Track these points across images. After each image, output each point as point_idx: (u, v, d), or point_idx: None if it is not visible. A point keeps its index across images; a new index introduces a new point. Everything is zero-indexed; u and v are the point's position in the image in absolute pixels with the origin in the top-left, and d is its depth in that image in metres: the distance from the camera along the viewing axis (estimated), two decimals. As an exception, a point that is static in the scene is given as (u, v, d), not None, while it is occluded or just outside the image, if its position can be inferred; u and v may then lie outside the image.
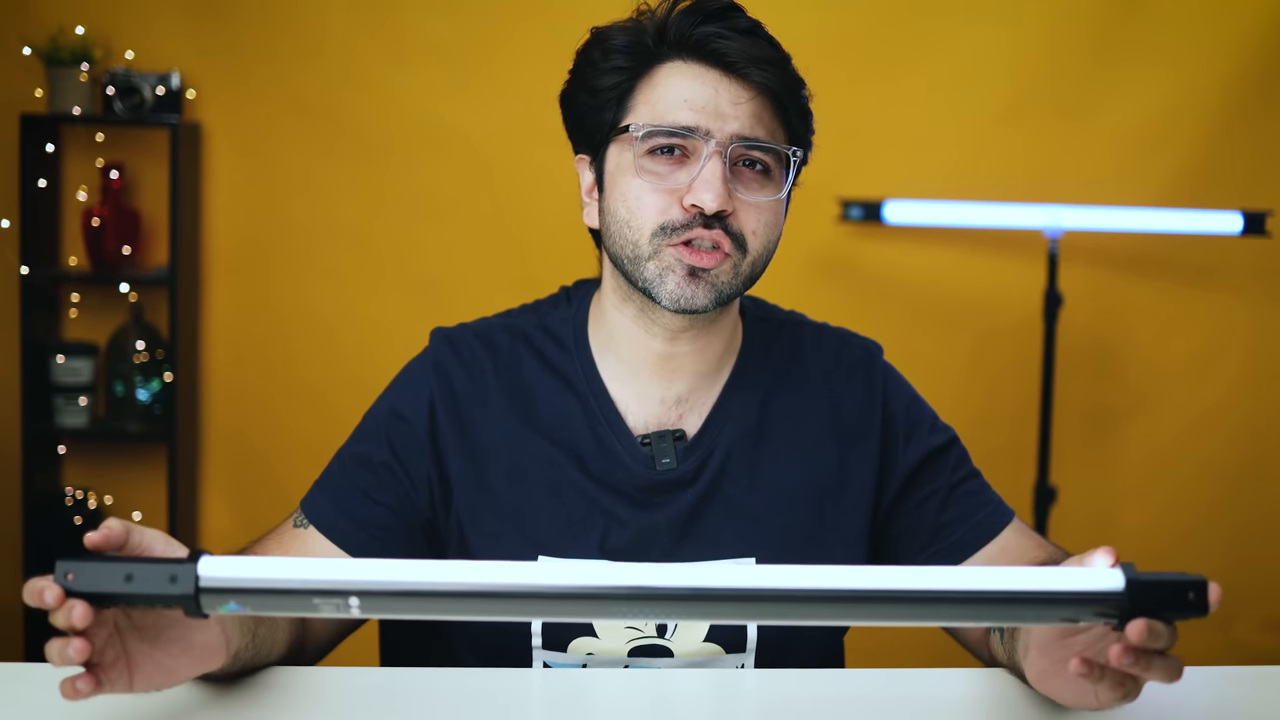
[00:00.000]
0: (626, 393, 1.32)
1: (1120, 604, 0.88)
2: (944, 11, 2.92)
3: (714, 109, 1.22)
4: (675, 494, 1.29)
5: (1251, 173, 2.93)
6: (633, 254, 1.24)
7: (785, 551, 1.29)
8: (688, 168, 1.22)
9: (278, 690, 1.12)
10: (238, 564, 0.89)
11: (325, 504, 1.30)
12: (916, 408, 1.37)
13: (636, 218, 1.23)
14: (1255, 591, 2.99)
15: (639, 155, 1.23)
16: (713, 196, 1.20)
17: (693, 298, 1.23)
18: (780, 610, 0.88)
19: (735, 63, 1.22)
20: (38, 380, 2.92)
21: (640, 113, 1.24)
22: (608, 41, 1.26)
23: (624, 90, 1.25)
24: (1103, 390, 3.03)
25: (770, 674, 1.21)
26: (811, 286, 2.94)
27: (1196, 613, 0.89)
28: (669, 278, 1.22)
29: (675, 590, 0.87)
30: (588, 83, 1.27)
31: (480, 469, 1.29)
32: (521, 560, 1.26)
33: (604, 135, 1.27)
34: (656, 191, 1.22)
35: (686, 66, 1.24)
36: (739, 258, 1.24)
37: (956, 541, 1.32)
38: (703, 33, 1.23)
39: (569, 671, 1.23)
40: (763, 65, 1.22)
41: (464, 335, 1.35)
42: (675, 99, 1.22)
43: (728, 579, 0.88)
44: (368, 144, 2.96)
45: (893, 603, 0.88)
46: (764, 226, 1.24)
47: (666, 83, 1.24)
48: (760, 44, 1.24)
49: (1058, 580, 0.88)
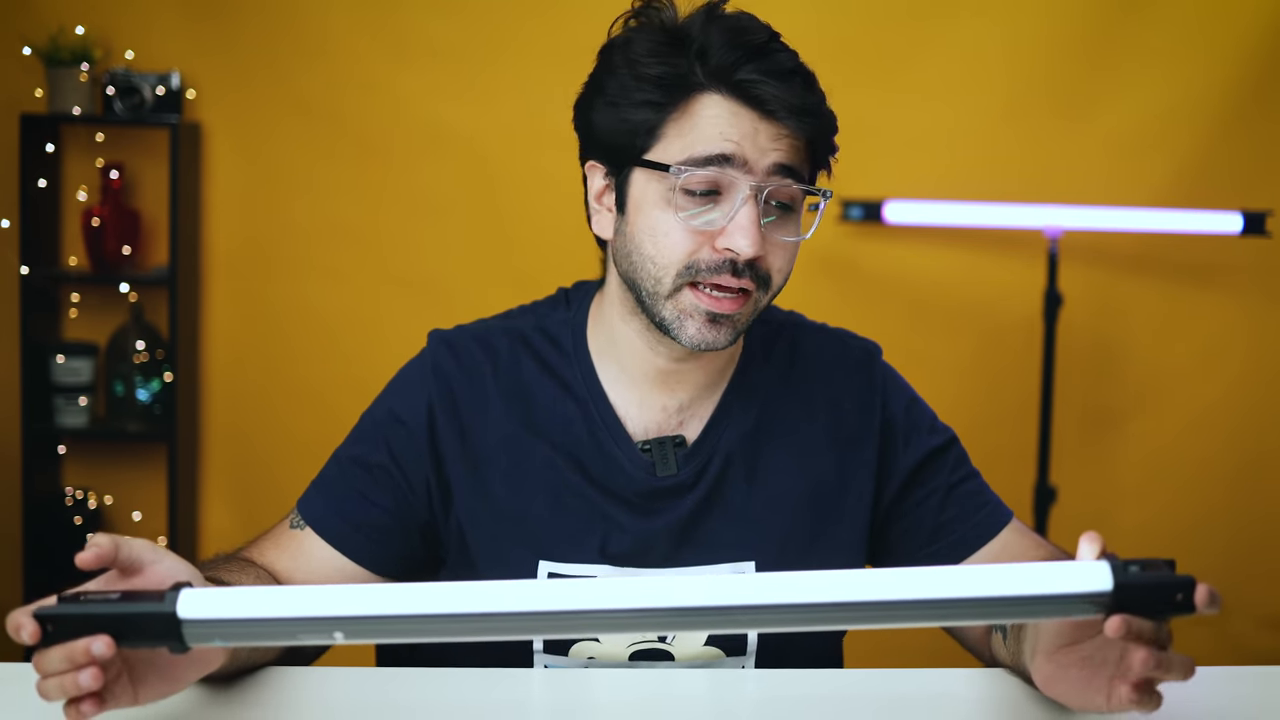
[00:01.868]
0: (627, 399, 1.31)
1: (1107, 604, 0.89)
2: (944, 12, 2.92)
3: (752, 141, 1.18)
4: (675, 500, 1.29)
5: (1251, 173, 2.93)
6: (653, 289, 1.21)
7: (784, 555, 1.29)
8: (721, 208, 1.19)
9: (277, 690, 1.12)
10: (217, 600, 0.89)
11: (321, 506, 1.30)
12: (916, 408, 1.37)
13: (664, 255, 1.20)
14: (1255, 591, 3.00)
15: (675, 191, 1.19)
16: (749, 243, 1.18)
17: (714, 341, 1.22)
18: (774, 618, 0.89)
19: (775, 111, 1.19)
20: (38, 380, 2.92)
21: (672, 146, 1.19)
22: (639, 67, 1.20)
23: (656, 122, 1.20)
24: (1102, 390, 3.04)
25: (770, 674, 1.21)
26: (811, 286, 2.93)
27: (1184, 611, 0.90)
28: (689, 323, 1.21)
29: (667, 610, 0.87)
30: (616, 107, 1.21)
31: (480, 473, 1.29)
32: (523, 565, 1.27)
33: (630, 159, 1.22)
34: (688, 231, 1.19)
35: (725, 102, 1.19)
36: (760, 294, 1.23)
37: (955, 541, 1.33)
38: (744, 77, 1.18)
39: (569, 671, 1.23)
40: (803, 117, 1.20)
41: (462, 338, 1.34)
42: (713, 134, 1.18)
43: (722, 593, 0.88)
44: (368, 144, 2.96)
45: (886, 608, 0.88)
46: (787, 263, 1.24)
47: (703, 116, 1.19)
48: (799, 89, 1.20)
49: (1045, 582, 0.89)
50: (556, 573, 1.27)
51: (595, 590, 0.89)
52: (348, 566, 1.28)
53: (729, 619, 0.88)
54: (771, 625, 0.90)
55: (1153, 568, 0.90)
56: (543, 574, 1.27)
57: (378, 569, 1.29)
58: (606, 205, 1.27)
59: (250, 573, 1.22)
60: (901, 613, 0.88)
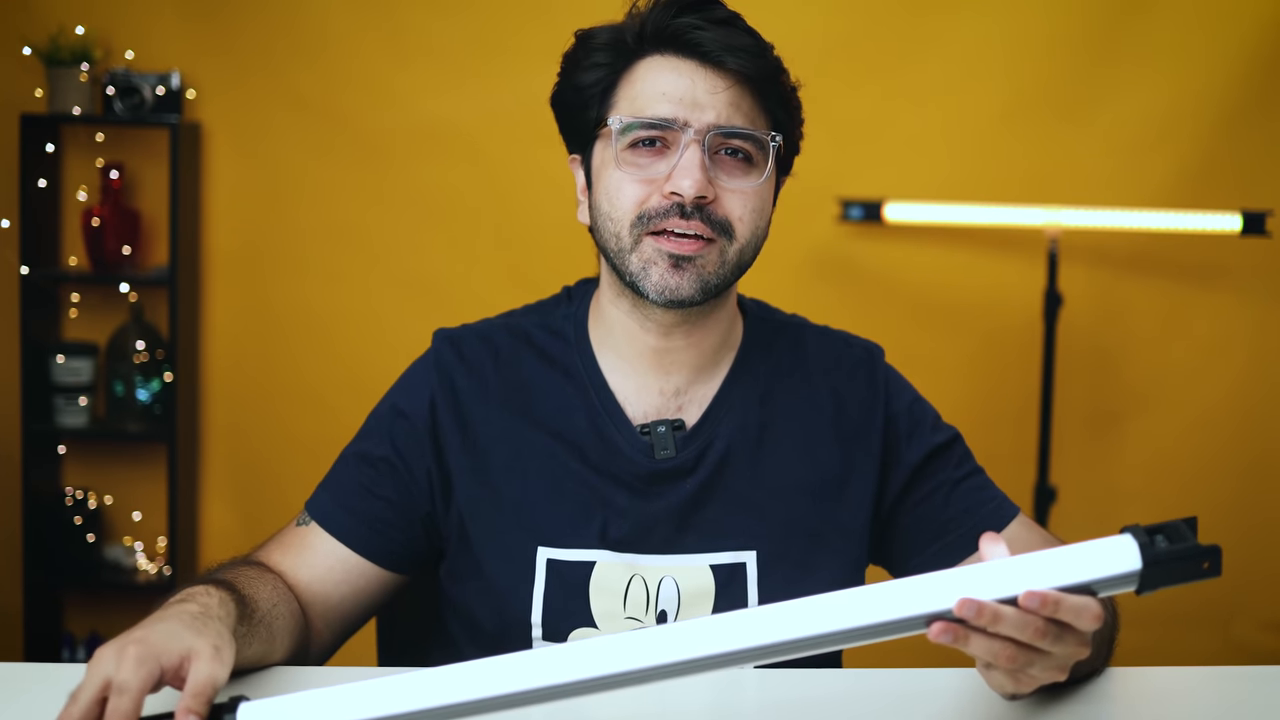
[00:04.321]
0: (626, 384, 1.33)
1: (1136, 580, 0.88)
2: (944, 11, 2.91)
3: (691, 99, 1.23)
4: (675, 483, 1.30)
5: (1251, 173, 2.93)
6: (616, 246, 1.26)
7: (786, 545, 1.30)
8: (667, 158, 1.24)
9: (277, 691, 1.12)
10: (275, 711, 0.90)
11: (327, 501, 1.32)
12: (919, 407, 1.38)
13: (617, 209, 1.25)
14: (1256, 592, 2.99)
15: (619, 149, 1.25)
16: (691, 183, 1.21)
17: (678, 288, 1.24)
18: (781, 652, 0.89)
19: (710, 52, 1.23)
20: (38, 380, 2.92)
21: (621, 108, 1.26)
22: (590, 41, 1.29)
23: (606, 87, 1.27)
24: (1102, 390, 3.03)
25: (770, 674, 1.21)
26: (811, 287, 2.94)
27: (1213, 575, 0.89)
28: (652, 270, 1.24)
29: (668, 665, 0.88)
30: (572, 82, 1.29)
31: (481, 464, 1.31)
32: (522, 553, 1.28)
33: (589, 133, 1.29)
34: (636, 182, 1.24)
35: (664, 60, 1.25)
36: (725, 243, 1.25)
37: (962, 536, 1.33)
38: (679, 24, 1.24)
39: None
40: (738, 53, 1.23)
41: (466, 335, 1.37)
42: (653, 92, 1.24)
43: (708, 642, 0.88)
44: (368, 144, 2.96)
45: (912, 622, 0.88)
46: (750, 212, 1.25)
47: (645, 77, 1.25)
48: (737, 33, 1.25)
49: (1073, 570, 0.88)
50: (555, 559, 1.28)
51: (578, 657, 0.89)
52: (350, 559, 1.29)
53: (721, 660, 0.89)
54: (776, 656, 0.90)
55: (1176, 532, 0.89)
56: (541, 560, 1.28)
57: (381, 562, 1.30)
58: (585, 194, 1.33)
59: (267, 580, 1.23)
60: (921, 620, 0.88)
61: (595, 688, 0.89)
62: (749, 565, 1.29)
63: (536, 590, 1.28)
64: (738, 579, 1.29)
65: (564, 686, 0.88)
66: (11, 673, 1.12)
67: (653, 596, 1.27)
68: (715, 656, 0.88)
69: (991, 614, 0.88)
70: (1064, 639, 0.91)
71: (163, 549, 3.04)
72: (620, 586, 1.27)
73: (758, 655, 0.89)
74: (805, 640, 0.88)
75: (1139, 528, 0.89)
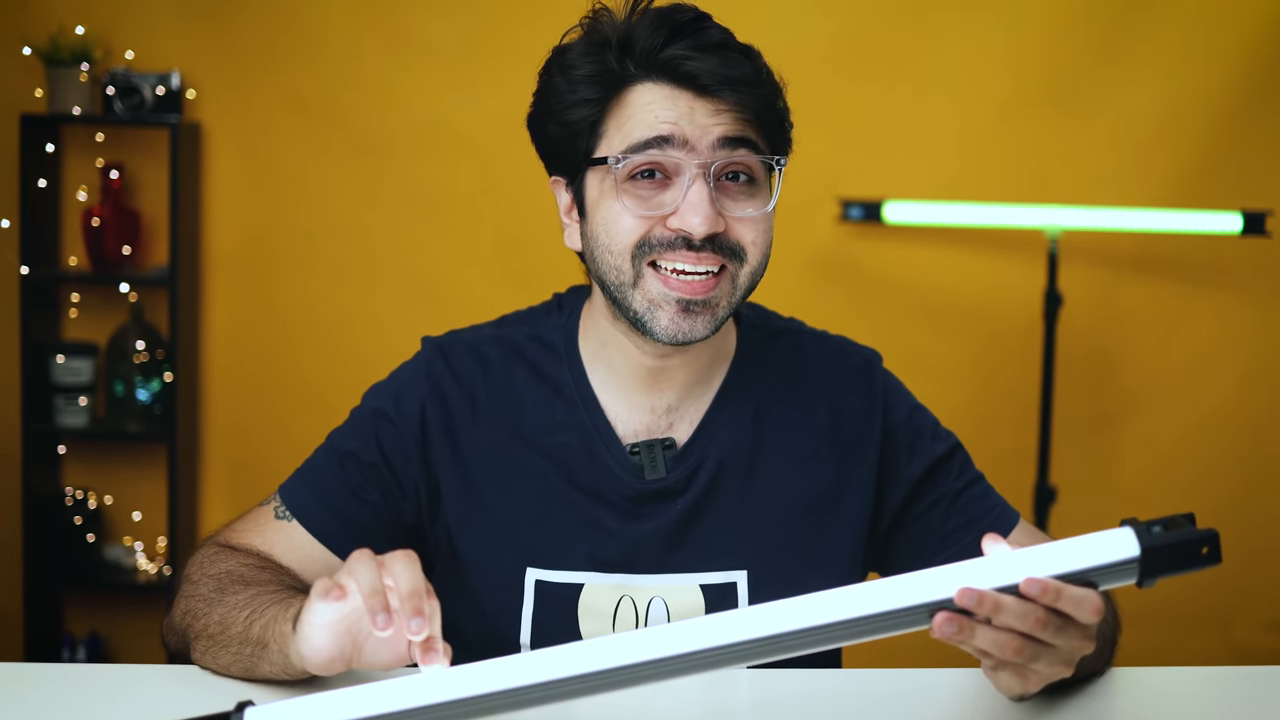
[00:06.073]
0: (616, 401, 1.30)
1: (1138, 569, 0.88)
2: (944, 11, 2.91)
3: (689, 129, 1.18)
4: (664, 504, 1.28)
5: (1251, 173, 2.93)
6: (617, 279, 1.21)
7: (778, 565, 1.28)
8: (670, 190, 1.19)
9: (277, 690, 1.12)
10: (281, 714, 0.89)
11: (309, 498, 1.28)
12: (918, 416, 1.35)
13: (617, 241, 1.20)
14: (1256, 593, 2.99)
15: (619, 181, 1.19)
16: (700, 220, 1.17)
17: (690, 331, 1.20)
18: (775, 649, 0.88)
19: (708, 85, 1.18)
20: (38, 380, 2.92)
21: (613, 139, 1.20)
22: (571, 71, 1.21)
23: (595, 119, 1.21)
24: (1103, 390, 3.03)
25: (767, 674, 1.21)
26: (811, 287, 2.94)
27: (1212, 562, 0.89)
28: (660, 314, 1.20)
29: (650, 661, 0.88)
30: (556, 114, 1.23)
31: (470, 481, 1.29)
32: (511, 574, 1.27)
33: (579, 163, 1.23)
34: (637, 216, 1.19)
35: (657, 88, 1.19)
36: (736, 267, 1.21)
37: (965, 547, 1.30)
38: (671, 55, 1.18)
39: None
40: (736, 85, 1.18)
41: (456, 346, 1.33)
42: (649, 120, 1.18)
43: (705, 636, 0.88)
44: (368, 144, 2.96)
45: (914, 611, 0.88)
46: (760, 235, 1.22)
47: (638, 106, 1.19)
48: (731, 59, 1.19)
49: (1072, 559, 0.88)
50: (544, 580, 1.27)
51: (578, 656, 0.89)
52: (334, 562, 1.26)
53: (710, 659, 0.88)
54: (770, 654, 0.89)
55: (1174, 525, 0.89)
56: (530, 581, 1.27)
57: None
58: (573, 218, 1.28)
59: (269, 570, 1.21)
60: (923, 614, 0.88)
61: (595, 687, 0.89)
62: (740, 585, 1.27)
63: (525, 611, 1.26)
64: (728, 599, 1.27)
65: (564, 684, 0.88)
66: (11, 673, 1.12)
67: (642, 617, 1.26)
68: (713, 650, 0.87)
69: (993, 603, 0.88)
70: (1066, 631, 0.91)
71: (163, 549, 3.04)
72: (609, 608, 1.26)
73: (756, 650, 0.88)
74: (805, 632, 0.87)
75: (1137, 520, 0.89)
